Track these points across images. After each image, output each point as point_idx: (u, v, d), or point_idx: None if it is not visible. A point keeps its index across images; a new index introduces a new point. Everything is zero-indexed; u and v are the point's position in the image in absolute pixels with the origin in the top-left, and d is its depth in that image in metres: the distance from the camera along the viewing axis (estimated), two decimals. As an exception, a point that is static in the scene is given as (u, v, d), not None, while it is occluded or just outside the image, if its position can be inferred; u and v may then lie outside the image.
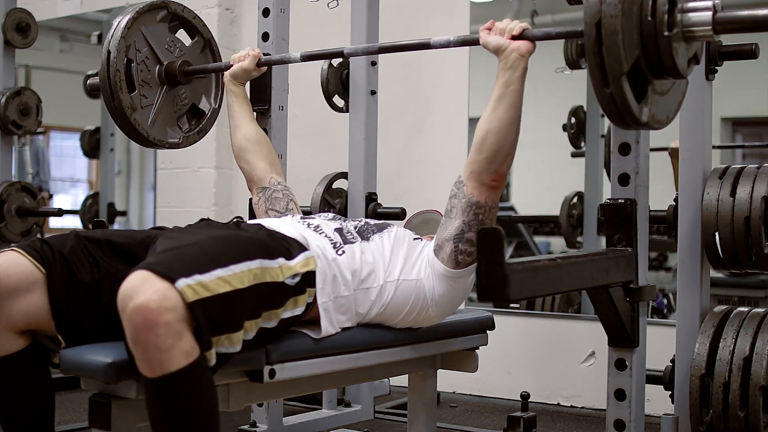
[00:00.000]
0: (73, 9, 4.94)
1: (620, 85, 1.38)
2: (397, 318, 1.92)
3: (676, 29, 1.42)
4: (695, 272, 2.23)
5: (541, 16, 4.02)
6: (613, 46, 1.36)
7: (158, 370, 1.40)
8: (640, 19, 1.40)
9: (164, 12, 2.43)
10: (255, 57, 2.31)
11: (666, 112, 1.54)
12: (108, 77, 2.29)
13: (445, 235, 1.86)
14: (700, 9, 1.43)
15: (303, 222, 1.91)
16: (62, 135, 6.54)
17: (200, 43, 2.55)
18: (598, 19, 1.36)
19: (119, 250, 1.74)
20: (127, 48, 2.31)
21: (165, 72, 2.41)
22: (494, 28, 1.85)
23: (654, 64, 1.43)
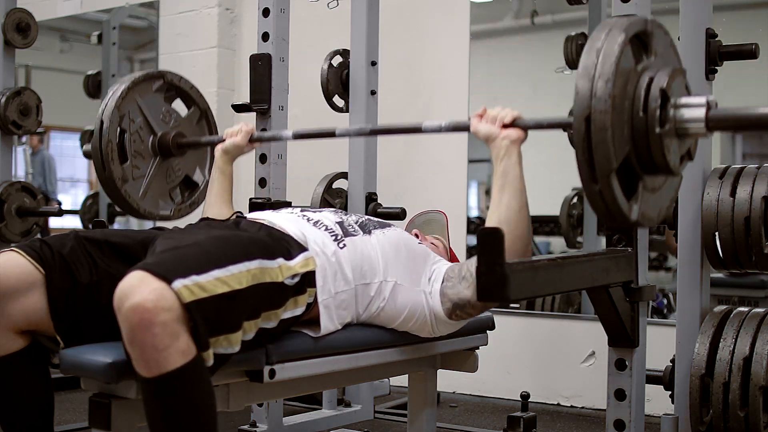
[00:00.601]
0: (73, 9, 4.94)
1: (609, 182, 1.33)
2: (396, 322, 1.92)
3: (669, 125, 1.37)
4: (695, 272, 2.23)
5: (541, 16, 4.02)
6: (602, 143, 1.31)
7: (155, 369, 1.40)
8: (632, 115, 1.36)
9: (160, 82, 2.41)
10: (247, 133, 2.30)
11: (657, 209, 1.49)
12: (100, 147, 2.25)
13: (451, 294, 1.86)
14: (693, 105, 1.38)
15: (303, 217, 1.91)
16: (62, 135, 6.54)
17: (196, 113, 2.52)
18: (587, 113, 1.32)
19: (118, 251, 1.74)
20: (120, 118, 2.28)
21: (158, 143, 2.37)
22: (485, 115, 1.84)
23: (645, 160, 1.38)
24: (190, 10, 4.42)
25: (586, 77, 1.34)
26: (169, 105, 2.45)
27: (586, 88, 1.33)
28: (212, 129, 2.55)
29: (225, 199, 2.29)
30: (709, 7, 2.26)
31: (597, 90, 1.32)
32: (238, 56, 4.38)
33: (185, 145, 2.43)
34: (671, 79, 1.38)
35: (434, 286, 1.89)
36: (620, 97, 1.34)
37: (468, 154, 3.76)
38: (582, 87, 1.34)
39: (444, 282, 1.88)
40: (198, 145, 2.47)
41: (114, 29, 4.94)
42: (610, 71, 1.32)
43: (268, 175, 2.69)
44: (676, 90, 1.40)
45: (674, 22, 2.25)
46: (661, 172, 1.42)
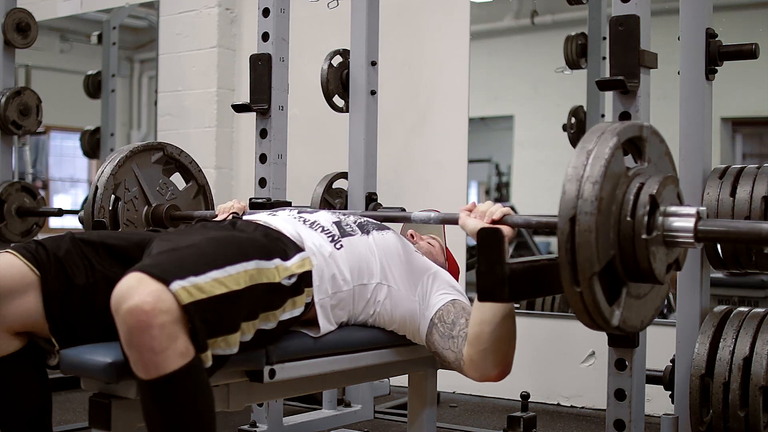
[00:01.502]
0: (73, 9, 4.94)
1: (590, 285, 1.31)
2: (391, 327, 1.92)
3: (656, 232, 1.35)
4: (695, 272, 2.23)
5: (541, 16, 4.02)
6: (585, 244, 1.29)
7: (153, 371, 1.39)
8: (619, 219, 1.34)
9: (160, 154, 2.42)
10: (240, 209, 2.32)
11: (641, 317, 1.45)
12: (92, 213, 2.28)
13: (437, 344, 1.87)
14: (683, 215, 1.37)
15: (299, 218, 1.91)
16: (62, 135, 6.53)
17: (194, 188, 2.53)
18: (573, 214, 1.31)
19: (115, 253, 1.74)
20: (115, 186, 2.30)
21: (152, 214, 2.40)
22: (475, 210, 1.83)
23: (630, 266, 1.36)
24: (190, 10, 4.42)
25: (574, 178, 1.33)
26: (167, 177, 2.47)
27: (573, 189, 1.32)
28: (209, 205, 2.59)
29: None
30: (709, 7, 2.26)
31: (584, 191, 1.31)
32: (238, 56, 4.38)
33: (178, 218, 2.45)
34: (662, 186, 1.37)
35: (425, 313, 1.89)
36: (608, 200, 1.32)
37: (468, 154, 3.76)
38: (569, 188, 1.33)
39: (435, 322, 1.88)
40: (191, 218, 2.49)
41: (114, 29, 4.93)
42: (598, 174, 1.31)
43: (268, 175, 2.69)
44: (667, 198, 1.38)
45: (674, 22, 2.25)
46: (646, 279, 1.38)
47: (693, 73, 2.21)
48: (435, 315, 1.87)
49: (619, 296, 1.38)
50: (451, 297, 1.90)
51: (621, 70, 1.99)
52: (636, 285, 1.40)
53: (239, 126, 4.27)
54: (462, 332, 1.82)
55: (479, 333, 1.77)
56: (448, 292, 1.91)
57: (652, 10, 2.08)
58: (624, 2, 2.02)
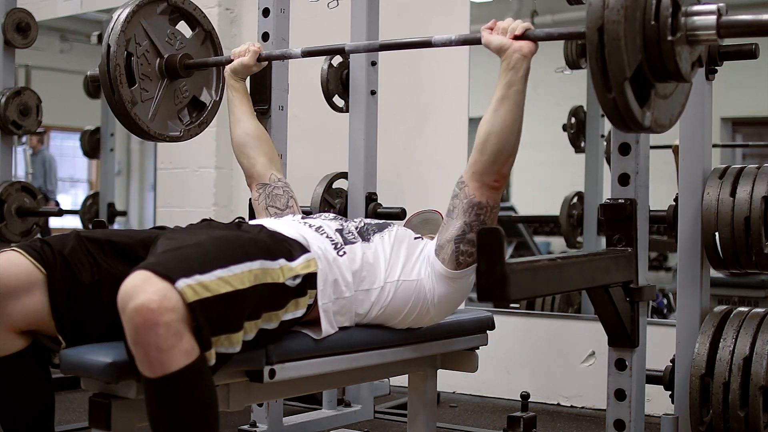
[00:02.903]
0: (73, 9, 4.94)
1: (623, 90, 1.37)
2: (397, 318, 1.92)
3: (680, 33, 1.41)
4: (695, 272, 2.23)
5: (541, 16, 4.02)
6: (615, 52, 1.34)
7: (158, 370, 1.40)
8: (643, 24, 1.39)
9: (164, 4, 2.41)
10: (255, 52, 2.29)
11: (669, 115, 1.53)
12: (108, 71, 2.27)
13: (446, 236, 1.86)
14: (704, 13, 1.42)
15: (304, 222, 1.91)
16: (62, 135, 6.55)
17: (201, 35, 2.53)
18: (600, 24, 1.35)
19: (120, 251, 1.74)
20: (127, 42, 2.29)
21: (165, 65, 2.39)
22: (496, 27, 1.85)
23: (657, 68, 1.42)
24: (190, 10, 4.41)
25: None
26: (173, 27, 2.46)
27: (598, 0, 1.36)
28: (217, 49, 2.56)
29: (248, 113, 2.31)
30: (709, 6, 2.26)
31: (609, 1, 1.35)
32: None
33: (192, 66, 2.43)
34: None
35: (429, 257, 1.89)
36: (632, 6, 1.36)
37: (468, 154, 3.76)
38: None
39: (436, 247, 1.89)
40: (206, 65, 2.47)
41: (114, 29, 4.93)
42: None
43: (268, 175, 2.69)
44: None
45: (674, 22, 2.25)
46: (673, 79, 1.44)
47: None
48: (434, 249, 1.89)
49: (648, 98, 1.44)
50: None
51: (621, 69, 1.99)
52: (663, 85, 1.47)
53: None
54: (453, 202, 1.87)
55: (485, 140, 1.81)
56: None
57: (652, 10, 2.08)
58: (624, 2, 2.01)
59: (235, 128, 2.30)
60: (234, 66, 2.31)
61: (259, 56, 2.30)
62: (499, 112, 1.81)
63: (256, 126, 2.29)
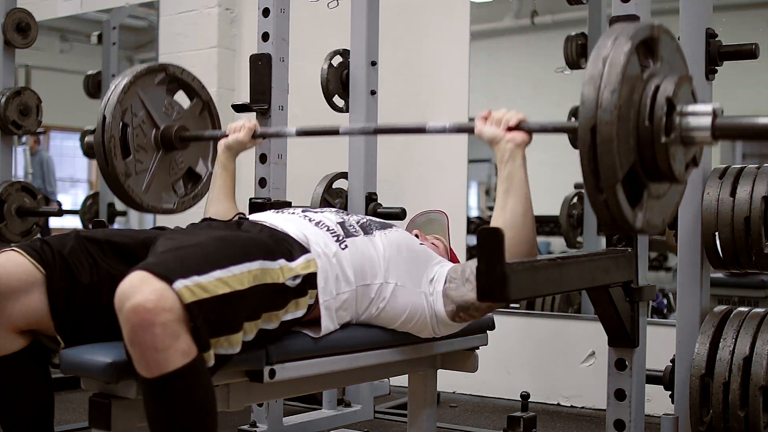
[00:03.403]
0: (73, 9, 4.94)
1: (614, 193, 1.32)
2: (395, 323, 1.92)
3: (674, 134, 1.37)
4: (695, 272, 2.23)
5: (541, 15, 4.02)
6: (607, 154, 1.30)
7: (155, 370, 1.40)
8: (637, 124, 1.35)
9: (162, 74, 2.40)
10: (250, 129, 2.29)
11: (662, 216, 1.47)
12: (103, 142, 2.24)
13: (456, 295, 1.86)
14: (699, 114, 1.38)
15: (305, 217, 1.91)
16: (62, 135, 6.54)
17: (199, 105, 2.50)
18: (593, 124, 1.31)
19: (120, 251, 1.74)
20: (123, 112, 2.27)
21: (161, 137, 2.36)
22: (490, 117, 1.82)
23: (650, 169, 1.37)
24: (190, 10, 4.42)
25: (592, 86, 1.32)
26: (171, 97, 2.44)
27: (591, 98, 1.32)
28: (215, 120, 2.55)
29: (228, 194, 2.29)
30: (709, 7, 2.26)
31: (603, 100, 1.31)
32: (238, 56, 4.38)
33: (188, 138, 2.42)
34: (677, 87, 1.37)
35: (436, 287, 1.88)
36: (626, 106, 1.33)
37: (468, 154, 3.76)
38: (588, 96, 1.32)
39: (447, 283, 1.88)
40: (201, 138, 2.47)
41: (114, 29, 4.94)
42: (616, 81, 1.31)
43: (268, 175, 2.69)
44: (683, 97, 1.39)
45: (674, 22, 2.25)
46: (666, 180, 1.41)
47: (693, 73, 2.20)
48: (445, 284, 1.88)
49: (641, 199, 1.40)
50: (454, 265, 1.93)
51: (621, 69, 1.99)
52: (656, 186, 1.43)
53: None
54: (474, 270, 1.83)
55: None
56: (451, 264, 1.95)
57: (652, 10, 2.08)
58: (624, 2, 2.02)
59: (209, 205, 2.28)
60: (228, 142, 2.29)
61: (254, 133, 2.29)
62: (508, 206, 1.79)
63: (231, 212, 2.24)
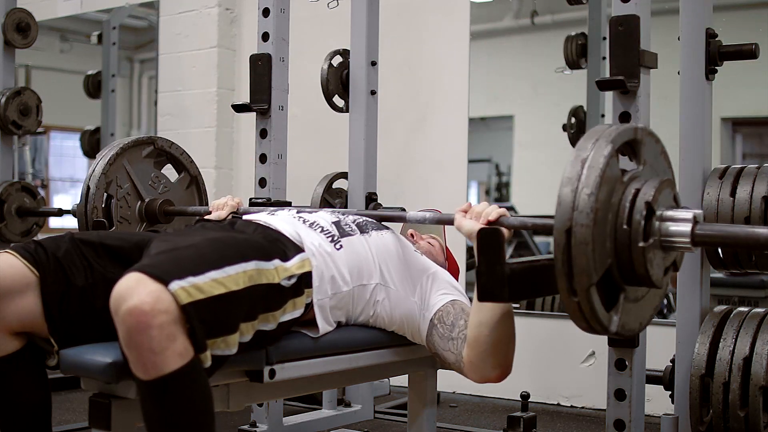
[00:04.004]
0: (73, 9, 4.94)
1: (588, 296, 1.30)
2: (392, 327, 1.92)
3: (653, 239, 1.34)
4: (695, 272, 2.23)
5: (541, 15, 4.02)
6: (581, 256, 1.28)
7: (152, 372, 1.39)
8: (615, 227, 1.33)
9: (150, 148, 2.41)
10: (233, 207, 2.31)
11: (639, 319, 1.44)
12: (85, 213, 2.27)
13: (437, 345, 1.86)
14: (679, 220, 1.35)
15: (299, 218, 1.91)
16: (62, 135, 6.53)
17: (186, 179, 2.52)
18: (568, 226, 1.29)
19: (114, 253, 1.73)
20: (107, 184, 2.29)
21: (145, 210, 2.39)
22: (470, 211, 1.82)
23: (627, 272, 1.35)
24: (190, 10, 4.42)
25: (569, 188, 1.31)
26: (158, 170, 2.46)
27: (568, 200, 1.30)
28: (202, 195, 2.58)
29: None
30: (709, 7, 2.26)
31: (580, 203, 1.29)
32: (238, 56, 4.38)
33: (172, 213, 2.45)
34: (658, 191, 1.35)
35: (425, 315, 1.88)
36: (603, 209, 1.31)
37: (468, 154, 3.76)
38: (564, 198, 1.31)
39: (435, 323, 1.87)
40: (184, 214, 2.49)
41: (114, 29, 4.93)
42: (594, 184, 1.29)
43: (268, 175, 2.69)
44: (663, 202, 1.37)
45: (674, 22, 2.25)
46: (643, 284, 1.37)
47: (693, 73, 2.21)
48: (435, 316, 1.87)
49: (616, 302, 1.37)
50: (450, 297, 1.90)
51: (621, 70, 1.99)
52: (633, 289, 1.39)
53: (239, 126, 4.27)
54: (461, 334, 1.82)
55: (478, 335, 1.76)
56: (448, 292, 1.91)
57: (652, 10, 2.08)
58: (624, 2, 2.02)
59: None
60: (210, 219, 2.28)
61: (237, 211, 2.30)
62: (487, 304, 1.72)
63: None
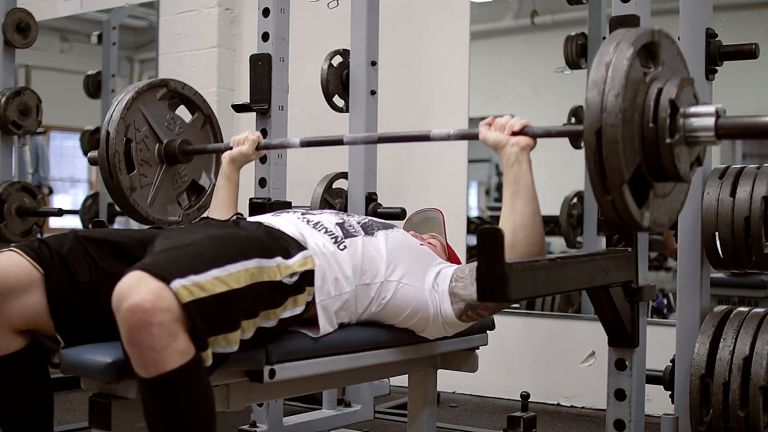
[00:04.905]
0: (73, 9, 4.94)
1: (621, 193, 1.37)
2: (396, 320, 1.92)
3: (678, 135, 1.41)
4: (695, 272, 2.23)
5: (541, 15, 4.02)
6: (613, 156, 1.35)
7: (153, 370, 1.39)
8: (642, 126, 1.39)
9: (164, 90, 2.42)
10: (254, 141, 2.32)
11: (668, 214, 1.52)
12: (107, 158, 2.28)
13: (464, 294, 1.87)
14: (702, 114, 1.42)
15: (303, 219, 1.91)
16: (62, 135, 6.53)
17: (200, 119, 2.54)
18: (598, 127, 1.35)
19: (118, 250, 1.74)
20: (126, 128, 2.30)
21: (165, 151, 2.40)
22: (494, 123, 1.85)
23: (655, 169, 1.42)
24: (190, 10, 4.42)
25: (596, 90, 1.36)
26: (173, 112, 2.47)
27: (596, 102, 1.35)
28: (216, 133, 2.58)
29: (231, 205, 2.32)
30: (709, 7, 2.26)
31: (607, 104, 1.34)
32: (238, 56, 4.38)
33: (192, 152, 2.45)
34: (680, 89, 1.41)
35: (442, 287, 1.89)
36: (630, 109, 1.36)
37: (468, 154, 3.76)
38: (592, 101, 1.36)
39: (453, 282, 1.88)
40: (204, 152, 2.50)
41: (114, 29, 4.94)
42: (620, 85, 1.35)
43: (268, 175, 2.69)
44: (685, 99, 1.43)
45: (674, 22, 2.25)
46: (671, 179, 1.45)
47: (693, 73, 2.20)
48: (451, 284, 1.89)
49: (647, 198, 1.45)
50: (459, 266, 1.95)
51: (621, 69, 1.99)
52: (661, 185, 1.47)
53: (239, 126, 4.27)
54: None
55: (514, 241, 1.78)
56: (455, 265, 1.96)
57: (652, 10, 2.08)
58: (624, 2, 2.02)
59: (212, 214, 2.30)
60: (233, 154, 2.32)
61: (258, 145, 2.32)
62: (517, 208, 1.80)
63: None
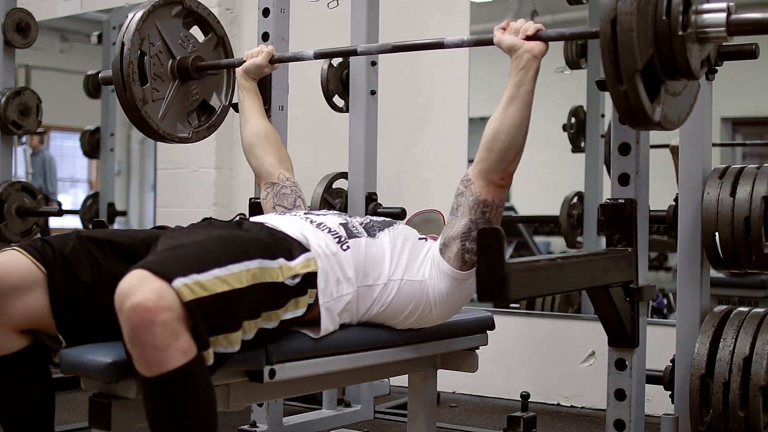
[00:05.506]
0: (73, 9, 4.94)
1: (634, 83, 1.40)
2: (398, 318, 1.91)
3: (690, 30, 1.45)
4: (695, 272, 2.23)
5: (541, 16, 4.02)
6: (627, 43, 1.38)
7: (155, 369, 1.40)
8: (655, 18, 1.43)
9: (179, 7, 2.44)
10: (268, 54, 2.34)
11: (678, 113, 1.56)
12: (121, 68, 2.29)
13: (451, 233, 1.87)
14: (714, 10, 1.46)
15: (306, 219, 1.91)
16: (62, 135, 6.54)
17: (213, 39, 2.56)
18: (613, 16, 1.39)
19: (120, 250, 1.74)
20: (141, 41, 2.31)
21: (178, 66, 2.41)
22: (509, 27, 1.88)
23: (667, 63, 1.45)
24: (190, 10, 4.41)
25: None
26: (187, 30, 2.49)
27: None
28: (228, 55, 2.60)
29: (258, 113, 2.35)
30: (709, 6, 2.26)
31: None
32: (238, 56, 4.38)
33: (204, 68, 2.46)
34: None
35: (432, 251, 1.91)
36: (644, 1, 1.40)
37: (468, 154, 3.76)
38: None
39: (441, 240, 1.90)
40: (218, 67, 2.51)
41: (114, 29, 4.93)
42: None
43: (268, 175, 2.69)
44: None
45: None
46: (683, 76, 1.48)
47: (693, 73, 2.21)
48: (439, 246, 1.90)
49: (658, 94, 1.48)
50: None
51: (621, 69, 1.99)
52: (673, 83, 1.51)
53: (239, 126, 4.26)
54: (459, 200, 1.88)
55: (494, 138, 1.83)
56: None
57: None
58: (624, 2, 2.02)
59: (244, 128, 2.32)
60: (247, 66, 2.35)
61: (272, 57, 2.33)
62: (509, 111, 1.83)
63: (265, 126, 2.31)
